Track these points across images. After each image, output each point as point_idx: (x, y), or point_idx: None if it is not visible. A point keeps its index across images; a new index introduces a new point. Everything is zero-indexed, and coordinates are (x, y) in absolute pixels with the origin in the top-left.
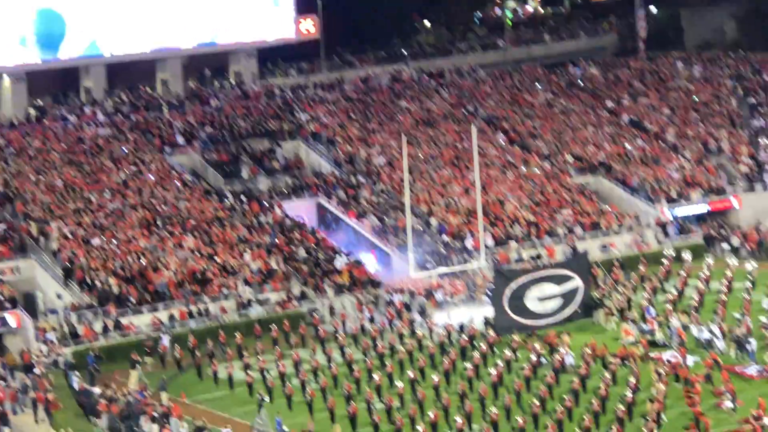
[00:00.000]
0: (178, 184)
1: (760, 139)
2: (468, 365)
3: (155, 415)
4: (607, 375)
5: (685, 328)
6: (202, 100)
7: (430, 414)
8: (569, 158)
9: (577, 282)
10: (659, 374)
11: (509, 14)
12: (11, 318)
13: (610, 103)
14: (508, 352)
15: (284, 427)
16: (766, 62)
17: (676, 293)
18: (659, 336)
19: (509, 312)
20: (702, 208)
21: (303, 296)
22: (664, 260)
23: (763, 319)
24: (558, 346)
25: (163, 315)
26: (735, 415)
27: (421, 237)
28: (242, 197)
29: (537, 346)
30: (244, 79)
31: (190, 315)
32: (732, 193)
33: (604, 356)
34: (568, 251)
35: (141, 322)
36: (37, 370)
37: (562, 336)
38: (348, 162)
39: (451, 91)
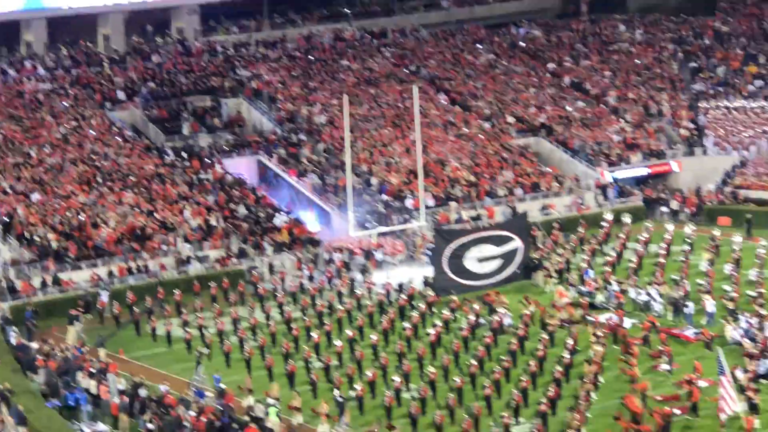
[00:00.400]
0: (119, 140)
1: (700, 103)
2: (406, 325)
3: (93, 371)
4: (546, 336)
5: (624, 290)
6: (144, 55)
7: (368, 373)
8: (510, 119)
9: (516, 243)
10: (597, 336)
11: None
12: None
13: (551, 65)
14: (446, 313)
15: (222, 385)
16: (708, 26)
17: (615, 256)
18: (598, 298)
19: (448, 272)
20: (642, 171)
21: (242, 254)
22: (603, 223)
23: (700, 282)
24: (497, 307)
25: (102, 271)
26: (671, 378)
27: (361, 196)
28: (183, 154)
29: (476, 306)
30: (187, 35)
31: (129, 271)
32: (672, 156)
33: (543, 317)
34: (507, 212)
35: (80, 277)
36: None
37: (500, 297)
38: (289, 120)
39: (394, 50)
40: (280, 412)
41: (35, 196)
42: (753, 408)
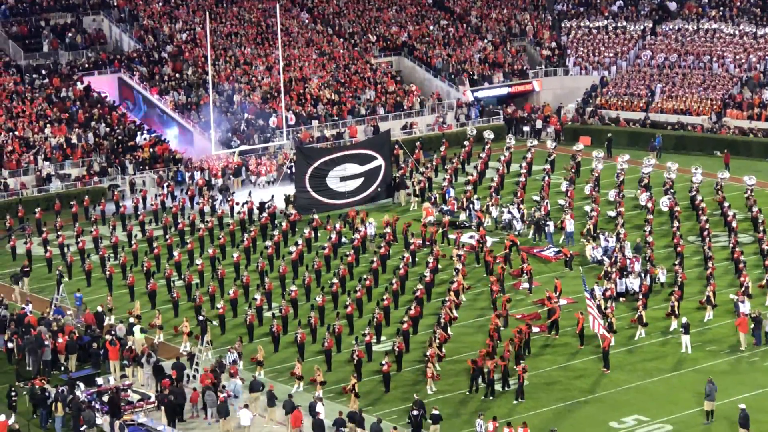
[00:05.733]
0: None
1: (562, 24)
2: (268, 243)
3: None
4: (407, 255)
5: (485, 209)
6: None
7: (230, 292)
8: (372, 38)
9: (379, 162)
10: (458, 255)
11: None
12: None
13: None
14: (308, 231)
15: (84, 305)
16: None
17: (476, 175)
18: (460, 217)
19: (310, 191)
20: (503, 91)
21: (103, 172)
22: (465, 142)
23: (560, 201)
24: (358, 226)
25: None
26: (531, 296)
27: (223, 115)
28: (43, 71)
29: (337, 225)
30: None
31: None
32: (533, 76)
33: (405, 236)
34: (370, 131)
35: None
36: None
37: (362, 215)
38: (151, 37)
39: None
40: (143, 329)
41: None
42: (609, 327)
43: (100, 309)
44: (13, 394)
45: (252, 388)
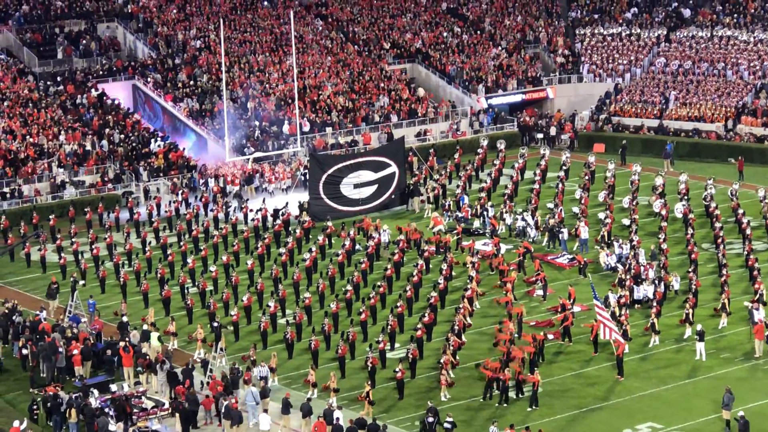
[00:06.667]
0: None
1: (576, 31)
2: (282, 250)
3: None
4: (421, 262)
5: (499, 216)
6: None
7: (244, 299)
8: (387, 45)
9: (393, 169)
10: (472, 262)
11: None
12: None
13: None
14: (322, 238)
15: (97, 311)
16: None
17: (490, 182)
18: (473, 224)
19: (324, 198)
20: (517, 98)
21: (118, 179)
22: (479, 149)
23: (575, 209)
24: (372, 233)
25: None
26: (545, 303)
27: (237, 122)
28: (57, 78)
29: (351, 232)
30: None
31: (3, 196)
32: (547, 83)
33: (419, 243)
34: (383, 138)
35: None
36: None
37: (376, 222)
38: (165, 45)
39: None
40: (161, 337)
41: None
42: (623, 334)
43: (125, 319)
44: (34, 407)
45: (262, 394)
